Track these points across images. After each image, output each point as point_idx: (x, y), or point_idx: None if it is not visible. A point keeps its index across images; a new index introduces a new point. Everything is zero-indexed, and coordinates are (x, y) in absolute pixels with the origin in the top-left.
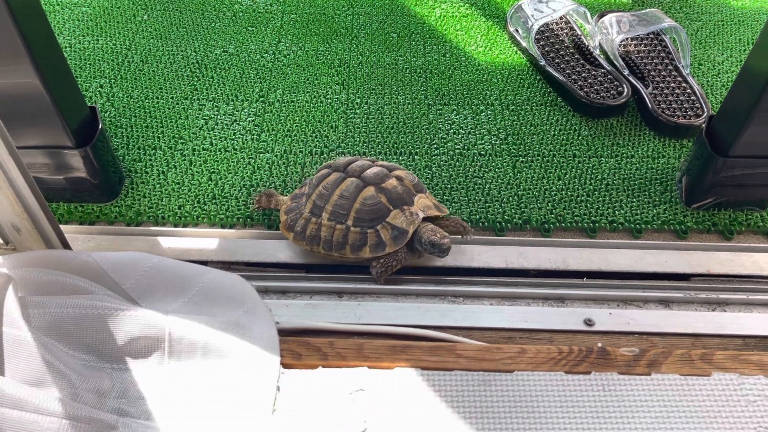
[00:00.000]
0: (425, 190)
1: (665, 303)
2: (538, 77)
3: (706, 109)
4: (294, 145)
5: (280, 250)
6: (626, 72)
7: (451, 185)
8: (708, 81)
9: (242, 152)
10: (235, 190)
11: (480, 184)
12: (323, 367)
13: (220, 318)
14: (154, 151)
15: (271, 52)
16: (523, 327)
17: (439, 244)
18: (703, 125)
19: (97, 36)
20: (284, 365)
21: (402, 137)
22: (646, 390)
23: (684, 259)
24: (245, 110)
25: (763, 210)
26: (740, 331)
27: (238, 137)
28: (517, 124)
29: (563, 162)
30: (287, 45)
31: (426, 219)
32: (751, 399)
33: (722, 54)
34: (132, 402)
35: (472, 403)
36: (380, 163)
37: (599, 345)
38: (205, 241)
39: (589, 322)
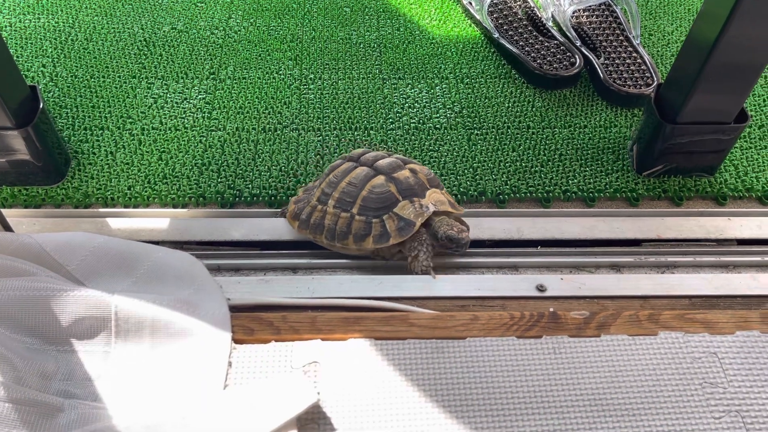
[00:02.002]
0: (441, 186)
1: (616, 268)
2: (492, 50)
3: (656, 79)
4: (246, 122)
5: (233, 228)
6: (578, 43)
7: None
8: (658, 51)
9: (193, 130)
10: (186, 169)
11: (435, 157)
12: (276, 341)
13: (169, 296)
14: (101, 131)
15: (222, 28)
16: (477, 295)
17: (457, 238)
18: (652, 94)
19: (39, 14)
20: (236, 341)
21: (357, 112)
22: (596, 351)
23: (635, 226)
24: (195, 88)
25: (711, 176)
26: (687, 291)
27: (189, 115)
28: (471, 97)
29: (517, 134)
30: (238, 21)
31: (437, 214)
32: (696, 356)
33: (672, 24)
34: (78, 384)
35: (426, 370)
36: (397, 155)
37: (551, 310)
38: (156, 221)
39: (541, 288)
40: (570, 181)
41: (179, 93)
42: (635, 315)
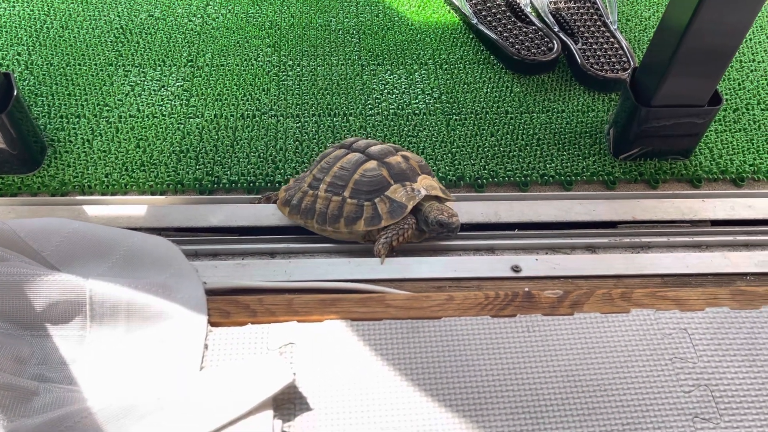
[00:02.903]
0: (432, 174)
1: (591, 249)
2: (471, 36)
3: (632, 63)
4: (224, 109)
5: (212, 215)
6: (556, 28)
7: None
8: (635, 36)
9: (171, 118)
10: (164, 156)
11: (414, 143)
12: (252, 323)
13: (145, 280)
14: (77, 119)
15: (200, 15)
16: (453, 276)
17: (447, 223)
18: (628, 78)
19: (13, 2)
20: (212, 324)
21: (336, 98)
22: (569, 329)
23: (611, 208)
24: (173, 75)
25: (686, 158)
26: (659, 270)
27: (167, 103)
28: (450, 83)
29: (496, 119)
30: (216, 8)
31: (427, 200)
32: (667, 332)
33: (649, 10)
34: (54, 368)
35: (401, 350)
36: (389, 144)
37: (525, 289)
38: (134, 208)
39: (516, 269)
40: (547, 165)
41: (157, 80)
42: (608, 293)
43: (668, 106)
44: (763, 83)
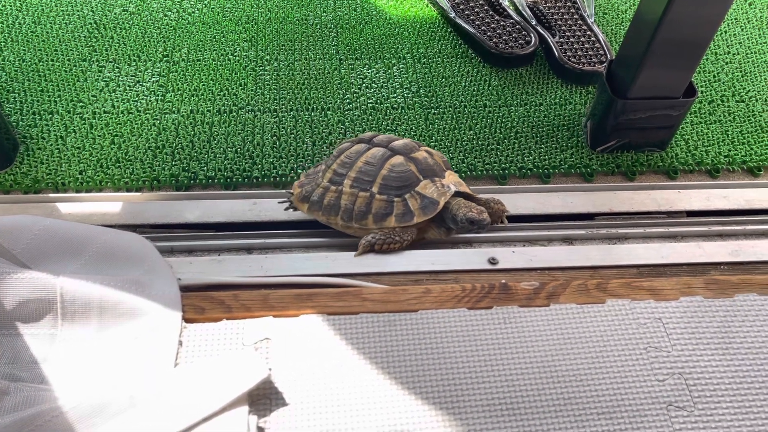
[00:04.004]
0: (453, 170)
1: (568, 241)
2: (449, 29)
3: (609, 56)
4: (201, 105)
5: (188, 211)
6: (534, 22)
7: None
8: (612, 29)
9: (146, 114)
10: (140, 152)
11: None
12: (227, 319)
13: (118, 277)
14: (50, 115)
15: (175, 10)
16: (430, 269)
17: (478, 220)
18: (604, 70)
19: None
20: (187, 320)
21: (314, 93)
22: (545, 320)
23: (589, 200)
24: (149, 71)
25: (663, 150)
26: (635, 261)
27: (142, 98)
28: (428, 77)
29: (474, 112)
30: (192, 3)
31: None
32: (642, 322)
33: (626, 3)
34: (24, 367)
35: (378, 343)
36: (409, 139)
37: (502, 281)
38: (109, 205)
39: (493, 261)
40: (525, 158)
41: (131, 76)
42: (584, 284)
43: (644, 98)
44: (737, 75)
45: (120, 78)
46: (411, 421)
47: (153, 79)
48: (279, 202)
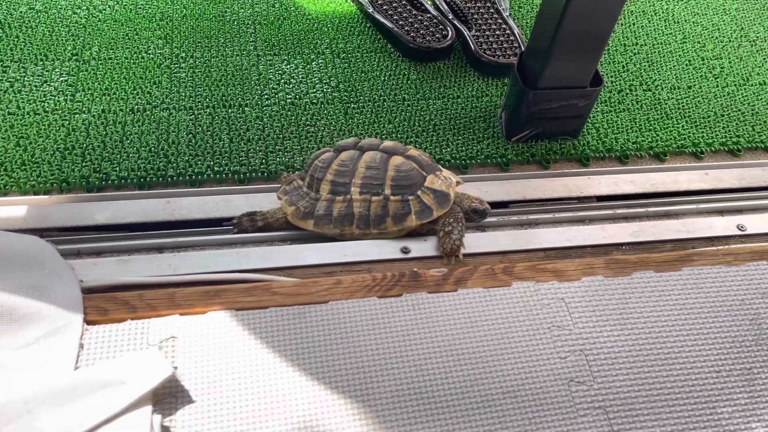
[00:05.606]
0: None
1: (481, 228)
2: (368, 25)
3: (523, 49)
4: (113, 104)
5: (98, 212)
6: (451, 16)
7: (284, 135)
8: (527, 23)
9: (54, 114)
10: (47, 154)
11: (312, 132)
12: (132, 319)
13: (14, 281)
14: None
15: (85, 7)
16: (343, 261)
17: (482, 210)
18: (516, 62)
19: None
20: (89, 322)
21: (231, 89)
22: (453, 305)
23: (503, 189)
24: (57, 70)
25: (575, 138)
26: (542, 244)
27: (50, 99)
28: (348, 72)
29: (393, 106)
30: (102, 0)
31: None
32: (546, 302)
33: None
34: None
35: (287, 336)
36: (386, 140)
37: (414, 270)
38: (12, 209)
39: (405, 250)
40: (443, 150)
41: (38, 76)
42: (491, 269)
43: (553, 88)
44: (645, 65)
45: (26, 78)
46: (321, 411)
47: (61, 79)
48: (225, 225)
